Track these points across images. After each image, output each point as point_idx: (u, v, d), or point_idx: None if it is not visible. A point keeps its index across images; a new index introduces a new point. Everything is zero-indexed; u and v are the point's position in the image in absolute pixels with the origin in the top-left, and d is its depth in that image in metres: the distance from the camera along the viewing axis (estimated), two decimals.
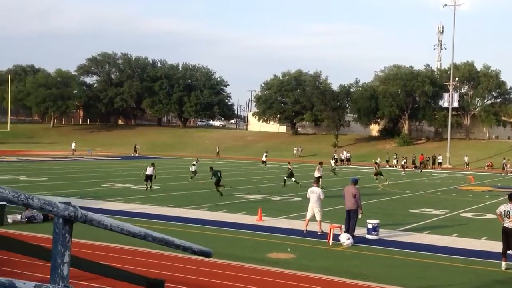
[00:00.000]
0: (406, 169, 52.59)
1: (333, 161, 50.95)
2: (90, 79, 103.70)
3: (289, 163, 34.55)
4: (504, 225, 12.46)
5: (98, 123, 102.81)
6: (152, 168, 27.68)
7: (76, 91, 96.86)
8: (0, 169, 32.76)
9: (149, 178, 27.56)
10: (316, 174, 31.08)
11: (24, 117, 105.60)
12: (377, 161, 49.93)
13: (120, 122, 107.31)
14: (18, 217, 16.95)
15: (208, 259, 2.95)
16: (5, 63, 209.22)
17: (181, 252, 3.14)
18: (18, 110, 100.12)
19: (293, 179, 31.96)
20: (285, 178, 32.64)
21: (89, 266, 2.84)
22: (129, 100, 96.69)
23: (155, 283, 2.78)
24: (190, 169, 35.55)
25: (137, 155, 67.67)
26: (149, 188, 27.19)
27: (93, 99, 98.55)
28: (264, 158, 49.29)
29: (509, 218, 12.35)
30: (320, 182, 32.31)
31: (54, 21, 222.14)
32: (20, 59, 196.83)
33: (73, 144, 68.14)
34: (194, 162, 36.05)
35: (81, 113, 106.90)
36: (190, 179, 33.80)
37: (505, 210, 12.56)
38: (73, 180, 31.75)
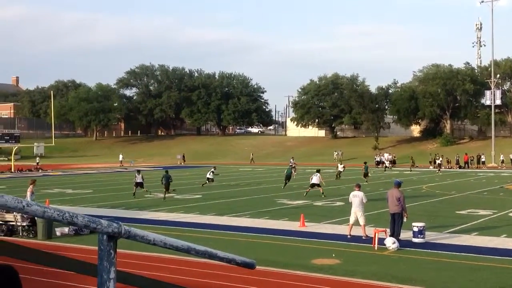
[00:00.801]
0: (441, 169, 51.36)
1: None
2: (129, 92, 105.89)
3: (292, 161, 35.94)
4: None
5: (139, 134, 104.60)
6: (140, 175, 29.35)
7: (116, 104, 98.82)
8: (46, 183, 33.62)
9: (139, 185, 29.06)
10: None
11: (68, 131, 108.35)
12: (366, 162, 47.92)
13: (161, 132, 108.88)
14: (66, 229, 17.34)
15: (253, 269, 2.92)
16: (48, 80, 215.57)
17: None
18: (61, 125, 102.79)
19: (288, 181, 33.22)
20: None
21: (135, 280, 2.83)
22: (168, 110, 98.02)
23: None
24: (207, 175, 35.17)
25: (183, 164, 68.38)
26: (149, 194, 29.04)
27: (133, 111, 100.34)
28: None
29: None
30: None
31: (91, 35, 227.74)
32: (61, 75, 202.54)
33: (121, 156, 70.08)
34: (213, 170, 35.87)
35: (122, 125, 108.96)
36: (202, 185, 33.88)
37: None
38: (118, 192, 32.31)
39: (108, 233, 2.19)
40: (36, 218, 16.70)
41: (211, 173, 35.00)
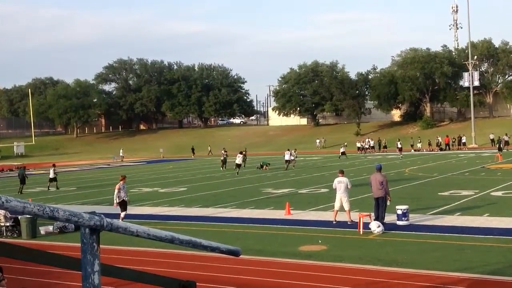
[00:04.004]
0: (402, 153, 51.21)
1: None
2: (108, 87, 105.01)
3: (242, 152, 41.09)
4: None
5: (120, 129, 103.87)
6: (53, 170, 31.81)
7: (96, 100, 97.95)
8: (28, 182, 33.22)
9: (53, 180, 31.62)
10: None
11: (48, 129, 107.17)
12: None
13: (142, 127, 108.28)
14: (50, 228, 17.19)
15: (237, 257, 2.91)
16: (25, 78, 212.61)
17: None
18: (41, 122, 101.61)
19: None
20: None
21: (120, 273, 2.82)
22: (148, 104, 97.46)
23: (187, 285, 2.76)
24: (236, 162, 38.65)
25: (193, 157, 67.55)
26: (56, 188, 31.20)
27: (113, 106, 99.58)
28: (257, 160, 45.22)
29: None
30: None
31: (67, 32, 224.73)
32: (39, 72, 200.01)
33: (121, 151, 69.44)
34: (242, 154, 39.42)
35: (103, 121, 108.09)
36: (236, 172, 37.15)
37: None
38: (101, 188, 32.09)
39: (90, 226, 2.17)
40: (19, 217, 16.54)
41: (240, 158, 38.48)
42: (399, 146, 52.49)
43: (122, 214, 17.58)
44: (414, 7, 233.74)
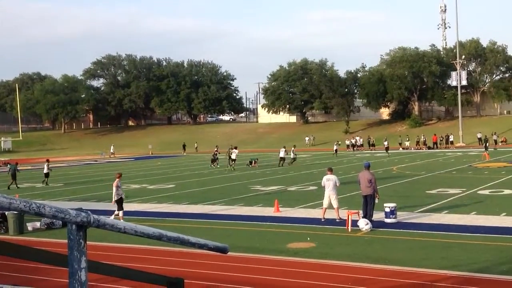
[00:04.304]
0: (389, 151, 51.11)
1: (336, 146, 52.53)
2: (97, 83, 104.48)
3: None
4: None
5: (108, 125, 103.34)
6: (47, 165, 32.13)
7: (84, 96, 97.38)
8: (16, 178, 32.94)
9: (47, 175, 31.89)
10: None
11: (35, 124, 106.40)
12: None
13: (131, 123, 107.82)
14: (38, 224, 17.06)
15: (225, 254, 2.90)
16: (12, 73, 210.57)
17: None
18: (28, 118, 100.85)
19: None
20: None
21: (107, 270, 2.80)
22: (137, 100, 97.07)
23: (175, 281, 2.74)
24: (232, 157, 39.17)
25: (184, 153, 67.15)
26: (46, 184, 31.39)
27: (101, 102, 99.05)
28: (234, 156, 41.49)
29: None
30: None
31: (55, 26, 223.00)
32: (26, 67, 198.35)
33: (112, 147, 69.33)
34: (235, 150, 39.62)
35: (91, 117, 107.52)
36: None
37: None
38: (89, 184, 31.93)
39: (77, 222, 2.15)
40: (6, 213, 16.39)
41: (235, 154, 39.06)
42: (386, 145, 52.48)
43: (120, 213, 17.27)
44: (403, 6, 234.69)
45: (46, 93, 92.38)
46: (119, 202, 17.52)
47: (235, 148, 40.73)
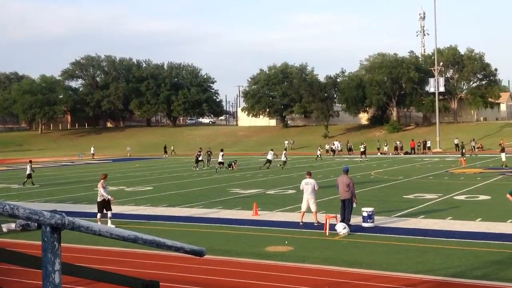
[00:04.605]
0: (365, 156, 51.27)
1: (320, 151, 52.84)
2: (75, 83, 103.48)
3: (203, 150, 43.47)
4: None
5: (86, 127, 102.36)
6: (29, 166, 32.28)
7: (62, 96, 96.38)
8: None
9: (29, 176, 31.86)
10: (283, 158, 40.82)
11: (12, 125, 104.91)
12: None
13: (109, 124, 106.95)
14: (13, 225, 16.81)
15: (201, 257, 2.89)
16: None
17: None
18: (5, 118, 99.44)
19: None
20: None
21: (82, 272, 2.76)
22: (116, 102, 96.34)
23: (150, 284, 2.72)
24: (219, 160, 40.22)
25: (167, 156, 66.69)
26: (28, 185, 31.41)
27: (79, 103, 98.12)
28: (220, 159, 41.34)
29: None
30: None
31: (34, 26, 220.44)
32: (3, 67, 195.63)
33: (92, 148, 68.84)
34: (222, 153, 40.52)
35: (69, 118, 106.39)
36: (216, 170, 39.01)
37: None
38: (66, 186, 31.57)
39: (51, 224, 2.12)
40: None
41: (221, 157, 39.71)
42: (362, 149, 52.41)
43: (109, 214, 16.83)
44: (383, 13, 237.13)
45: (23, 93, 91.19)
46: (101, 204, 17.08)
47: (221, 150, 41.31)
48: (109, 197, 17.17)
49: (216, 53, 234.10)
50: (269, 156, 41.22)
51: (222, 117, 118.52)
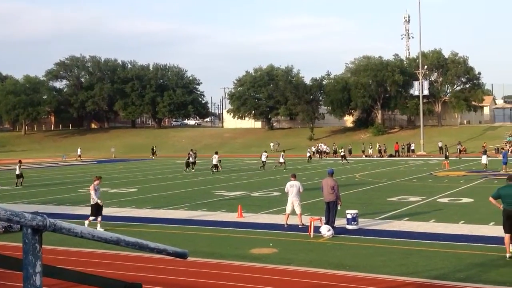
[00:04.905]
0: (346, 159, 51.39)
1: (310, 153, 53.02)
2: (59, 84, 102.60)
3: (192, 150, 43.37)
4: None
5: (70, 128, 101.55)
6: (18, 166, 32.62)
7: (46, 97, 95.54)
8: None
9: (20, 176, 32.29)
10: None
11: None
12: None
13: (94, 125, 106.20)
14: None
15: (185, 259, 2.88)
16: None
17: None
18: None
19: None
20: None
21: (63, 274, 2.75)
22: (101, 103, 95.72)
23: (132, 286, 2.71)
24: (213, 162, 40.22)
25: (153, 158, 66.27)
26: (19, 185, 31.73)
27: (64, 104, 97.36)
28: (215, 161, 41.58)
29: None
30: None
31: (18, 26, 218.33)
32: None
33: (79, 150, 68.48)
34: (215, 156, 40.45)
35: (53, 118, 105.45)
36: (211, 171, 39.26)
37: None
38: (49, 187, 31.29)
39: (32, 226, 2.11)
40: None
41: (216, 159, 39.93)
42: (342, 153, 52.06)
43: (99, 218, 16.52)
44: (368, 16, 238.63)
45: (6, 94, 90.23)
46: (94, 207, 16.64)
47: (216, 153, 41.46)
48: (98, 200, 16.86)
49: (202, 54, 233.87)
50: (263, 158, 42.31)
51: (208, 119, 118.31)
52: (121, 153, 74.58)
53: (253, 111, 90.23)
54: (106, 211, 20.65)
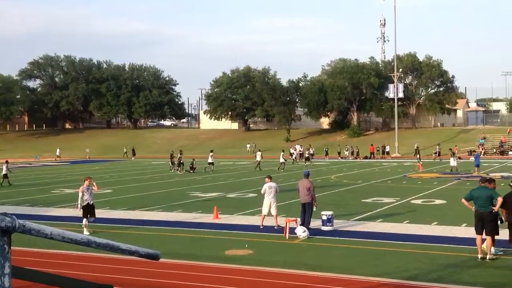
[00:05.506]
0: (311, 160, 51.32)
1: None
2: (33, 83, 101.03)
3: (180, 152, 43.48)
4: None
5: (44, 128, 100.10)
6: (6, 166, 32.61)
7: (19, 96, 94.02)
8: None
9: (5, 176, 32.12)
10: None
11: None
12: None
13: (68, 126, 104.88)
14: None
15: (157, 261, 2.87)
16: None
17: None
18: None
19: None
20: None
21: (34, 276, 2.71)
22: (75, 103, 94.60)
23: None
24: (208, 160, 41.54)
25: (133, 158, 65.64)
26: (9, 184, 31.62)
27: (37, 103, 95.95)
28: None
29: None
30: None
31: None
32: None
33: (58, 150, 67.91)
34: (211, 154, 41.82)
35: (26, 118, 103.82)
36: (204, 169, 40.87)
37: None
38: (22, 188, 30.81)
39: (1, 227, 2.08)
40: None
41: (211, 157, 41.01)
42: (307, 154, 51.30)
43: (91, 219, 16.20)
44: (344, 19, 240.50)
45: None
46: (87, 209, 16.24)
47: (211, 151, 42.75)
48: (79, 205, 16.36)
49: (178, 55, 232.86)
50: (258, 158, 43.49)
51: (184, 120, 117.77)
52: (96, 154, 73.80)
53: (230, 112, 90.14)
54: (79, 212, 20.42)
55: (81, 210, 16.39)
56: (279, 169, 41.76)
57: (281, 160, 43.09)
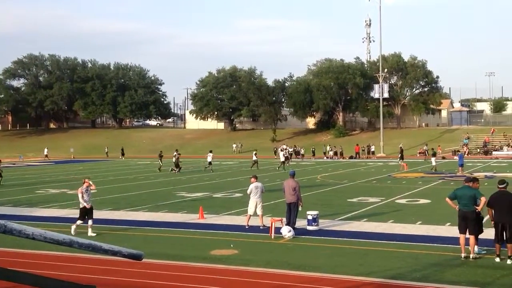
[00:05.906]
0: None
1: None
2: (17, 83, 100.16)
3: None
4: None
5: (28, 127, 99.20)
6: None
7: (2, 96, 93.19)
8: None
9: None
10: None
11: None
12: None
13: (52, 125, 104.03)
14: None
15: (141, 261, 2.86)
16: None
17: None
18: None
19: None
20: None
21: (17, 277, 2.69)
22: (59, 102, 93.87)
23: None
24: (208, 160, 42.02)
25: (123, 158, 65.27)
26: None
27: (21, 103, 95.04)
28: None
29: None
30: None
31: None
32: None
33: (46, 149, 67.55)
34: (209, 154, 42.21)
35: (10, 118, 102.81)
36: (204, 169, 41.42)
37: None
38: (5, 188, 30.48)
39: None
40: None
41: (210, 157, 41.67)
42: (286, 154, 49.86)
43: (90, 222, 15.82)
44: (330, 19, 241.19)
45: None
46: (82, 211, 15.96)
47: (210, 151, 43.07)
48: (86, 204, 15.97)
49: (164, 55, 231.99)
50: (254, 158, 44.01)
51: (170, 120, 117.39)
52: (80, 153, 73.28)
53: (216, 112, 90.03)
54: (63, 212, 20.34)
55: (89, 206, 16.10)
56: (278, 168, 42.42)
57: (282, 159, 43.97)
